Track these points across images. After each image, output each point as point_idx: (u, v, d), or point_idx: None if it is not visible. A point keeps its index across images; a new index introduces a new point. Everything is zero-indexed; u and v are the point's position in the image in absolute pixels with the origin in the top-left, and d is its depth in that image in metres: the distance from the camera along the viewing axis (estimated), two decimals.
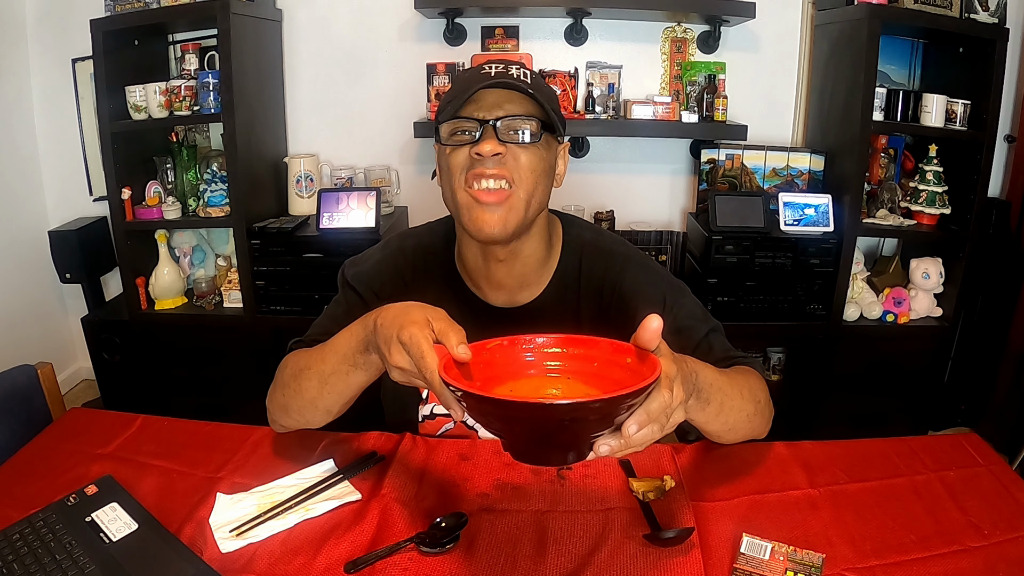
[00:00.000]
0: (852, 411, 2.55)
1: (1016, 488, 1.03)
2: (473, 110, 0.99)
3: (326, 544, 0.91)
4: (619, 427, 0.69)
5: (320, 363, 0.99)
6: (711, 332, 1.11)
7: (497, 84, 0.98)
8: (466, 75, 1.05)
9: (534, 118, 1.00)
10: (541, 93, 1.01)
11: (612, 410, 0.66)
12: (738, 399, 0.98)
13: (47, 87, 2.78)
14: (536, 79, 1.03)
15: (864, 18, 2.23)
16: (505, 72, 1.00)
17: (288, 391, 1.04)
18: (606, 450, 0.70)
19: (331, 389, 0.99)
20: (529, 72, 1.03)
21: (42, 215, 2.88)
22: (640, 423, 0.70)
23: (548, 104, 1.01)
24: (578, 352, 0.80)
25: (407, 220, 2.72)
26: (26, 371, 1.26)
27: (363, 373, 0.95)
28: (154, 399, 2.58)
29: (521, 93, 0.99)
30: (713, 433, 1.03)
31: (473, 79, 1.00)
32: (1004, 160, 2.66)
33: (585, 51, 2.65)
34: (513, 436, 0.71)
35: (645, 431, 0.71)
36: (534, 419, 0.65)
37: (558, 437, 0.68)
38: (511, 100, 0.99)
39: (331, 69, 2.70)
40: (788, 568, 0.86)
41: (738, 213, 2.39)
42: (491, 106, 0.99)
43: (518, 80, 0.99)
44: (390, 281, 1.15)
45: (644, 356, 0.74)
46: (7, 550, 0.87)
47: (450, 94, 1.03)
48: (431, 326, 0.80)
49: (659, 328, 0.73)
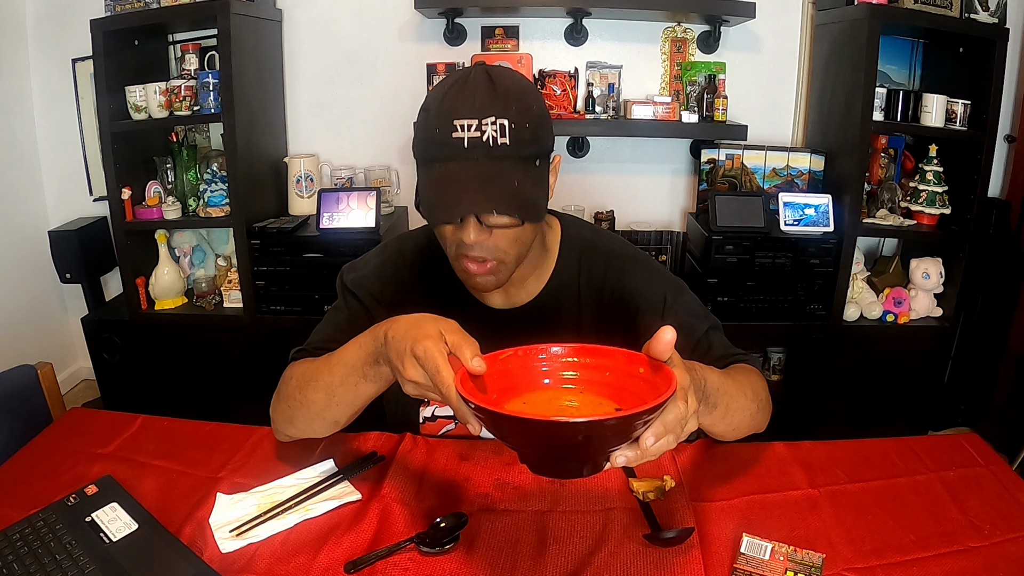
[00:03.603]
0: (852, 411, 2.55)
1: (1016, 488, 1.03)
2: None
3: (326, 544, 0.91)
4: (636, 439, 0.70)
5: (327, 375, 0.98)
6: (711, 329, 1.11)
7: (473, 172, 0.91)
8: (437, 138, 0.93)
9: (517, 196, 0.92)
10: (521, 143, 0.92)
11: (629, 426, 0.67)
12: (742, 399, 0.98)
13: (47, 87, 2.78)
14: (515, 118, 0.92)
15: (864, 18, 2.23)
16: (480, 141, 0.91)
17: (294, 403, 1.03)
18: (623, 461, 0.71)
19: (339, 401, 0.98)
20: (504, 122, 0.91)
21: (42, 215, 2.88)
22: (657, 435, 0.70)
23: (532, 147, 0.94)
24: (591, 362, 0.80)
25: (407, 220, 2.72)
26: (26, 371, 1.26)
27: (372, 385, 0.94)
28: (154, 399, 2.58)
29: (499, 163, 0.92)
30: (717, 434, 1.04)
31: (445, 153, 0.92)
32: (1004, 160, 2.66)
33: (585, 51, 2.65)
34: (531, 450, 0.72)
35: (661, 442, 0.71)
36: (552, 436, 0.66)
37: (576, 452, 0.68)
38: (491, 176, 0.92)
39: (331, 69, 2.70)
40: (788, 568, 0.86)
41: (738, 213, 2.38)
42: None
43: (495, 147, 0.91)
44: (390, 285, 1.14)
45: (658, 367, 0.74)
46: (7, 550, 0.87)
47: (426, 155, 0.95)
48: (444, 339, 0.80)
49: (672, 340, 0.73)
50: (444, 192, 0.93)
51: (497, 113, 0.92)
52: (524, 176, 0.94)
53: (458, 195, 0.91)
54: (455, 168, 0.92)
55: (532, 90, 0.99)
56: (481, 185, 0.91)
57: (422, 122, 0.97)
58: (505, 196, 0.92)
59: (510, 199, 0.92)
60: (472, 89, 0.93)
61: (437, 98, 0.95)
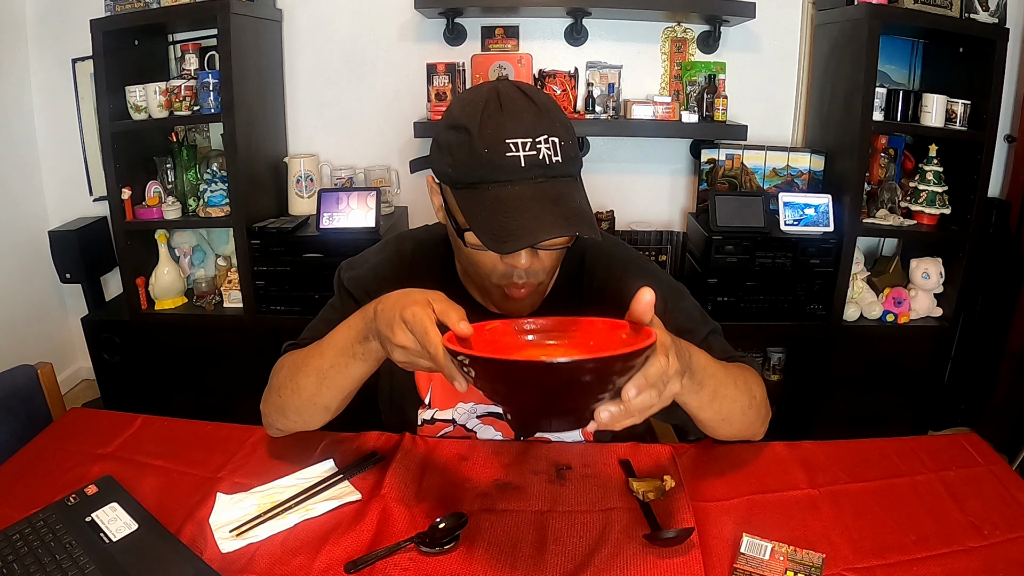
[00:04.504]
0: (852, 411, 2.55)
1: (1016, 488, 1.03)
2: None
3: (326, 544, 0.91)
4: (619, 393, 0.71)
5: (318, 358, 0.99)
6: (711, 334, 1.11)
7: (537, 193, 0.89)
8: (486, 158, 0.89)
9: (586, 215, 0.91)
10: (570, 160, 0.91)
11: (612, 369, 0.68)
12: (732, 388, 0.98)
13: (47, 87, 2.78)
14: (563, 135, 0.91)
15: (864, 18, 2.23)
16: (536, 160, 0.89)
17: (285, 391, 1.04)
18: (606, 416, 0.72)
19: (330, 384, 0.99)
20: (556, 139, 0.90)
21: (42, 215, 2.88)
22: (639, 387, 0.72)
23: (578, 163, 0.94)
24: (575, 331, 0.83)
25: (407, 220, 2.72)
26: (26, 371, 1.26)
27: (362, 363, 0.95)
28: (154, 399, 2.58)
29: (557, 182, 0.90)
30: (708, 423, 1.03)
31: (499, 175, 0.89)
32: (1004, 160, 2.66)
33: (585, 51, 2.65)
34: (517, 402, 0.73)
35: (643, 397, 0.72)
36: (538, 378, 0.67)
37: (561, 401, 0.70)
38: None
39: (331, 69, 2.70)
40: (788, 568, 0.86)
41: (738, 213, 2.39)
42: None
43: (551, 166, 0.89)
44: (387, 285, 1.13)
45: (639, 329, 0.78)
46: (7, 550, 0.87)
47: (473, 177, 0.90)
48: (432, 307, 0.82)
49: (651, 301, 0.76)
50: (509, 217, 0.87)
51: (547, 131, 0.90)
52: (580, 193, 0.94)
53: (532, 219, 0.86)
54: (515, 190, 0.89)
55: (558, 104, 0.99)
56: (552, 206, 0.88)
57: (460, 142, 0.91)
58: (579, 216, 0.89)
59: (583, 218, 0.89)
60: (515, 107, 0.91)
61: (472, 117, 0.90)
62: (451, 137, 0.93)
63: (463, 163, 0.91)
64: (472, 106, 0.92)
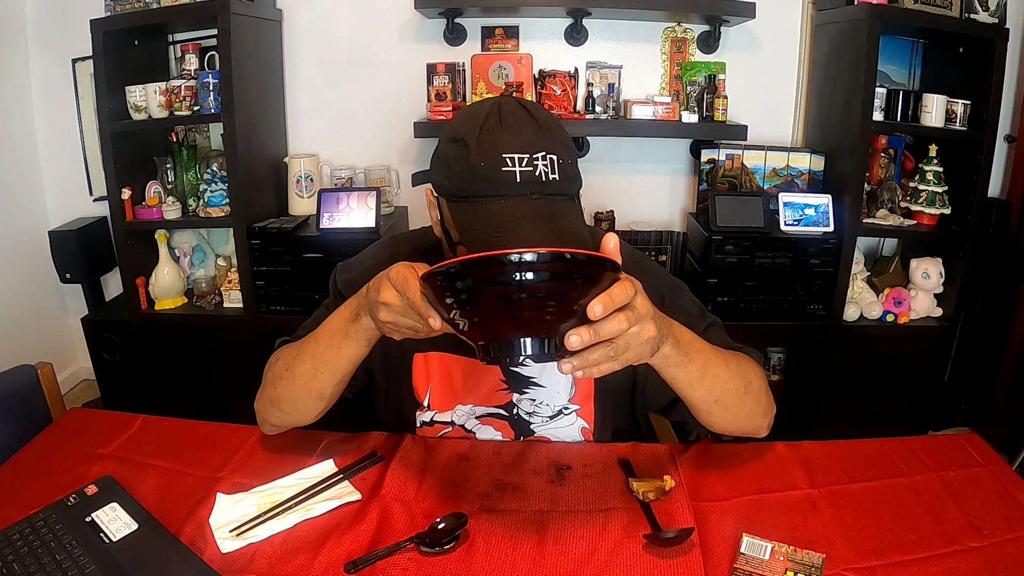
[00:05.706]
0: (852, 411, 2.55)
1: (1016, 488, 1.03)
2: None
3: (326, 544, 0.91)
4: (586, 318, 0.74)
5: (313, 345, 1.01)
6: (710, 327, 1.11)
7: (530, 210, 0.89)
8: (481, 172, 0.89)
9: (579, 235, 0.91)
10: (568, 179, 0.91)
11: (573, 270, 0.71)
12: (724, 369, 0.97)
13: (47, 87, 2.78)
14: (562, 153, 0.91)
15: (864, 18, 2.23)
16: (532, 176, 0.89)
17: (280, 382, 1.05)
18: (576, 340, 0.74)
19: (324, 367, 1.00)
20: (554, 157, 0.90)
21: (42, 215, 2.88)
22: (605, 304, 0.74)
23: (576, 183, 0.94)
24: None
25: (407, 220, 2.72)
26: (26, 371, 1.26)
27: (354, 343, 0.96)
28: (154, 399, 2.58)
29: (551, 199, 0.91)
30: (701, 405, 0.99)
31: (493, 188, 0.89)
32: (1004, 160, 2.66)
33: (585, 51, 2.65)
34: (484, 316, 0.75)
35: (613, 322, 0.75)
36: (500, 274, 0.70)
37: (527, 309, 0.72)
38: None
39: (331, 69, 2.70)
40: (788, 568, 0.86)
41: (738, 213, 2.39)
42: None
43: (546, 183, 0.90)
44: None
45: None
46: (7, 550, 0.87)
47: (467, 190, 0.91)
48: (415, 269, 0.84)
49: (616, 247, 0.79)
50: (501, 233, 0.87)
51: (546, 148, 0.90)
52: (576, 213, 0.94)
53: (523, 236, 0.86)
54: (508, 205, 0.89)
55: (562, 124, 0.98)
56: (545, 223, 0.88)
57: (457, 155, 0.92)
58: (571, 235, 0.89)
59: (576, 238, 0.89)
60: (515, 122, 0.91)
61: (472, 130, 0.91)
62: (450, 150, 0.93)
63: (459, 176, 0.91)
64: (472, 120, 0.93)
